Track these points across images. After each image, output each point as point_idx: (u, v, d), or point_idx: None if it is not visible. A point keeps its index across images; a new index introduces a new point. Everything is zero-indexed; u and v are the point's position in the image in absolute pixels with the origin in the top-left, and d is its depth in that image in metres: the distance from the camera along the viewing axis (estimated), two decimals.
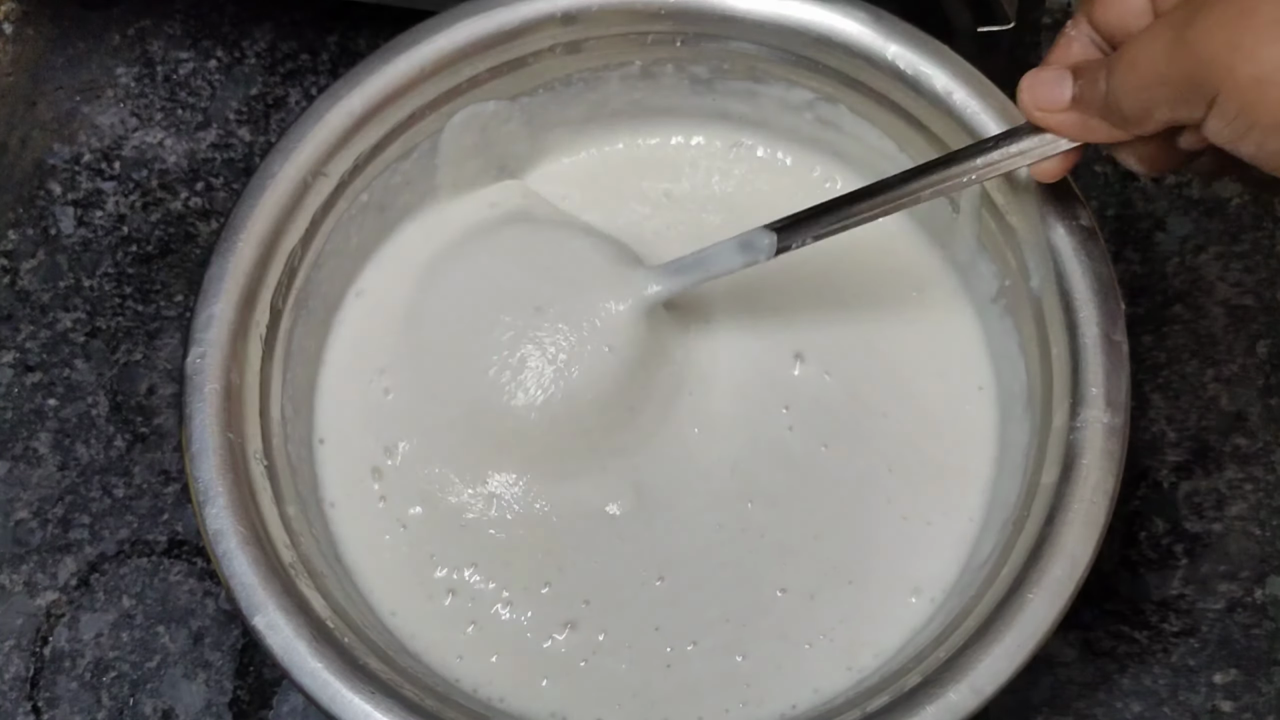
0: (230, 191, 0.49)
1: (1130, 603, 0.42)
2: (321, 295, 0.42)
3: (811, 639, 0.38)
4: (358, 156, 0.41)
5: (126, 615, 0.43)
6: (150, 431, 0.46)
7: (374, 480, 0.41)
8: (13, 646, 0.43)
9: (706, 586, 0.39)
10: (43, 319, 0.47)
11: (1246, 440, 0.44)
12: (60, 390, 0.46)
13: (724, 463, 0.41)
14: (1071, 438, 0.36)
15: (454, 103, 0.43)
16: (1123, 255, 0.47)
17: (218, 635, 0.43)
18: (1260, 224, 0.47)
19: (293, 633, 0.35)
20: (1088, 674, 0.41)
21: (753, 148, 0.45)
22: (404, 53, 0.41)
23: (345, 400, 0.42)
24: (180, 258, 0.48)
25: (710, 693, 0.38)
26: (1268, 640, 0.42)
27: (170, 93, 0.51)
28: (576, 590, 0.39)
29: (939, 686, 0.34)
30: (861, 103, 0.42)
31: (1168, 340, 0.45)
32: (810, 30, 0.41)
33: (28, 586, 0.44)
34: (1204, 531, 0.43)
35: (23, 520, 0.45)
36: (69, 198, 0.49)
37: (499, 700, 0.38)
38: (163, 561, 0.44)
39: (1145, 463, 0.44)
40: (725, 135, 0.45)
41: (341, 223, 0.42)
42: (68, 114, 0.50)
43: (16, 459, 0.45)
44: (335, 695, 0.34)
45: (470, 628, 0.39)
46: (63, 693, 0.42)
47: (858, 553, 0.39)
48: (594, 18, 0.42)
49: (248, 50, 0.51)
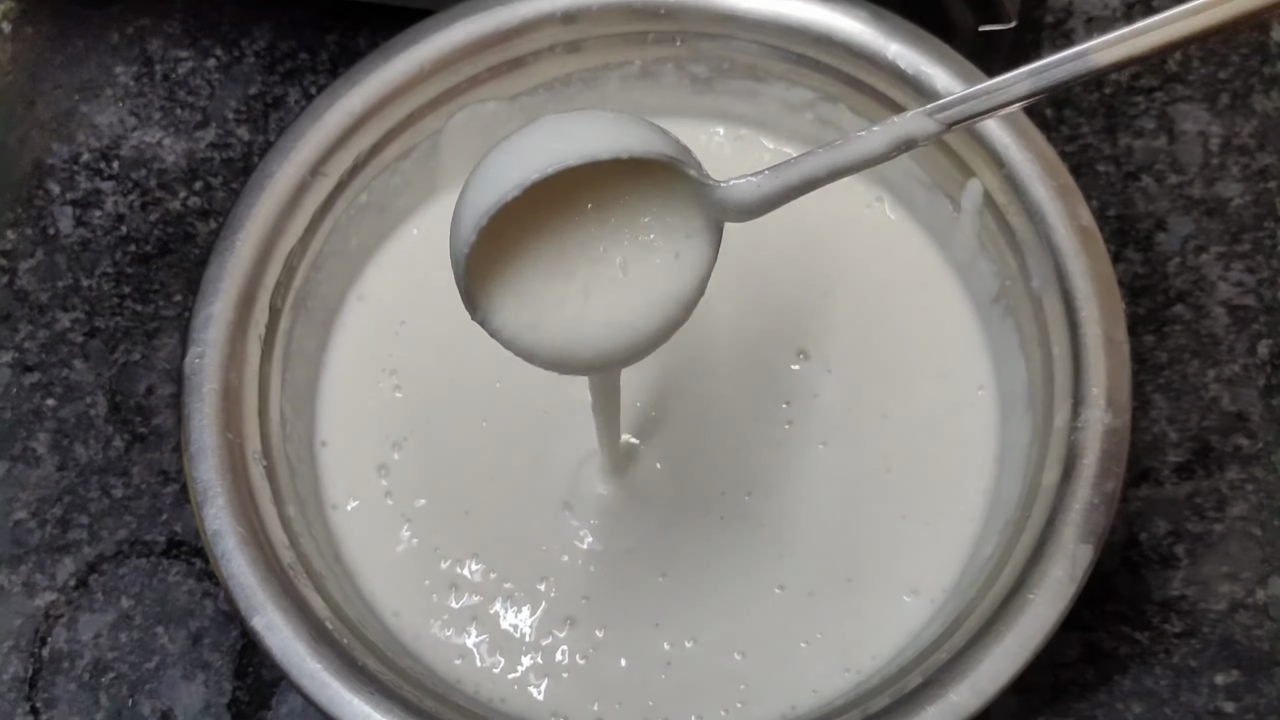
0: (229, 191, 0.49)
1: (1131, 603, 0.42)
2: (321, 296, 0.42)
3: (809, 637, 0.38)
4: (357, 156, 0.42)
5: (125, 616, 0.43)
6: (149, 432, 0.46)
7: (380, 477, 0.41)
8: (11, 647, 0.43)
9: (706, 582, 0.39)
10: (41, 319, 0.47)
11: (1248, 441, 0.44)
12: (59, 390, 0.46)
13: (724, 452, 0.41)
14: (1073, 438, 0.36)
15: (453, 102, 0.43)
16: (1123, 255, 0.47)
17: (216, 636, 0.43)
18: (1261, 224, 0.46)
19: (291, 633, 0.35)
20: (1088, 675, 0.41)
21: (753, 146, 0.45)
22: (403, 52, 0.41)
23: (350, 401, 0.42)
24: (179, 257, 0.48)
25: (710, 692, 0.38)
26: (1269, 641, 0.42)
27: (169, 92, 0.51)
28: (576, 586, 0.39)
29: (940, 687, 0.34)
30: (862, 102, 0.42)
31: (1169, 340, 0.45)
32: (811, 30, 0.41)
33: (26, 587, 0.44)
34: (1205, 532, 0.43)
35: (21, 520, 0.45)
36: (67, 197, 0.49)
37: (500, 701, 0.38)
38: (161, 562, 0.44)
39: (1146, 463, 0.44)
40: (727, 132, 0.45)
41: (340, 223, 0.42)
42: (66, 113, 0.50)
43: (15, 459, 0.45)
44: (334, 696, 0.34)
45: (472, 625, 0.39)
46: (61, 693, 0.42)
47: (856, 551, 0.40)
48: (594, 17, 0.42)
49: (247, 49, 0.51)
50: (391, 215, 0.44)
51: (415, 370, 0.42)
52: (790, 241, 0.43)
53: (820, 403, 0.41)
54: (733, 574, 0.39)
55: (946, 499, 0.40)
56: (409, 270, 0.44)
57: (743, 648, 0.38)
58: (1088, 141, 0.48)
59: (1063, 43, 0.50)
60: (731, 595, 0.39)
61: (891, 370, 0.42)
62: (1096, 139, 0.48)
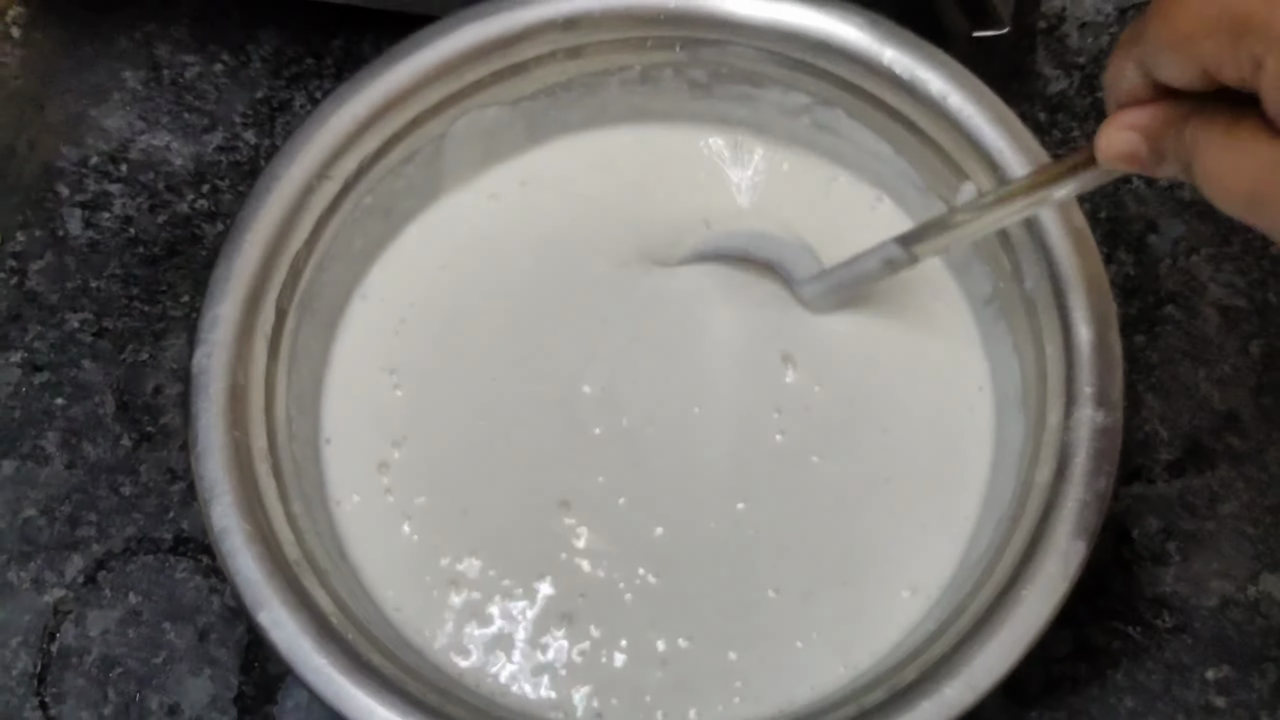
0: (236, 194, 0.49)
1: (1124, 599, 0.42)
2: (326, 297, 0.42)
3: (805, 637, 0.39)
4: (361, 160, 0.42)
5: (133, 612, 0.44)
6: (157, 430, 0.46)
7: (381, 475, 0.41)
8: (20, 643, 0.43)
9: (701, 584, 0.40)
10: (50, 319, 0.48)
11: (1239, 439, 0.44)
12: (68, 390, 0.47)
13: (719, 457, 0.41)
14: (1065, 437, 0.36)
15: (456, 107, 0.43)
16: (1115, 257, 0.47)
17: (223, 632, 0.43)
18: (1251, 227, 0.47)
19: (297, 629, 0.35)
20: (1081, 670, 0.42)
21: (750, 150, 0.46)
22: (407, 57, 0.42)
23: (352, 399, 0.42)
24: (186, 259, 0.49)
25: (706, 688, 0.38)
26: (1260, 637, 0.42)
27: (177, 96, 0.51)
28: (573, 584, 0.40)
29: (935, 682, 0.34)
30: (858, 107, 0.42)
31: (1160, 341, 0.46)
32: (807, 35, 0.41)
33: (35, 583, 0.44)
34: (1197, 529, 0.43)
35: (31, 518, 0.45)
36: (77, 200, 0.50)
37: (500, 695, 0.39)
38: (169, 559, 0.44)
39: (1138, 461, 0.44)
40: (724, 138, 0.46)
41: (346, 225, 0.42)
42: (75, 117, 0.51)
43: (24, 458, 0.46)
44: (339, 691, 0.35)
45: (472, 622, 0.39)
46: (70, 689, 0.43)
47: (852, 552, 0.40)
48: (594, 23, 0.42)
49: (253, 54, 0.51)
50: (396, 217, 0.44)
51: (416, 369, 0.43)
52: None
53: (814, 406, 0.41)
54: (728, 577, 0.40)
55: (942, 497, 0.40)
56: (412, 271, 0.44)
57: (739, 646, 0.39)
58: (1080, 144, 0.48)
59: (1056, 48, 0.50)
60: (727, 597, 0.39)
61: (887, 372, 0.42)
62: (1089, 142, 0.48)
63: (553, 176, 0.45)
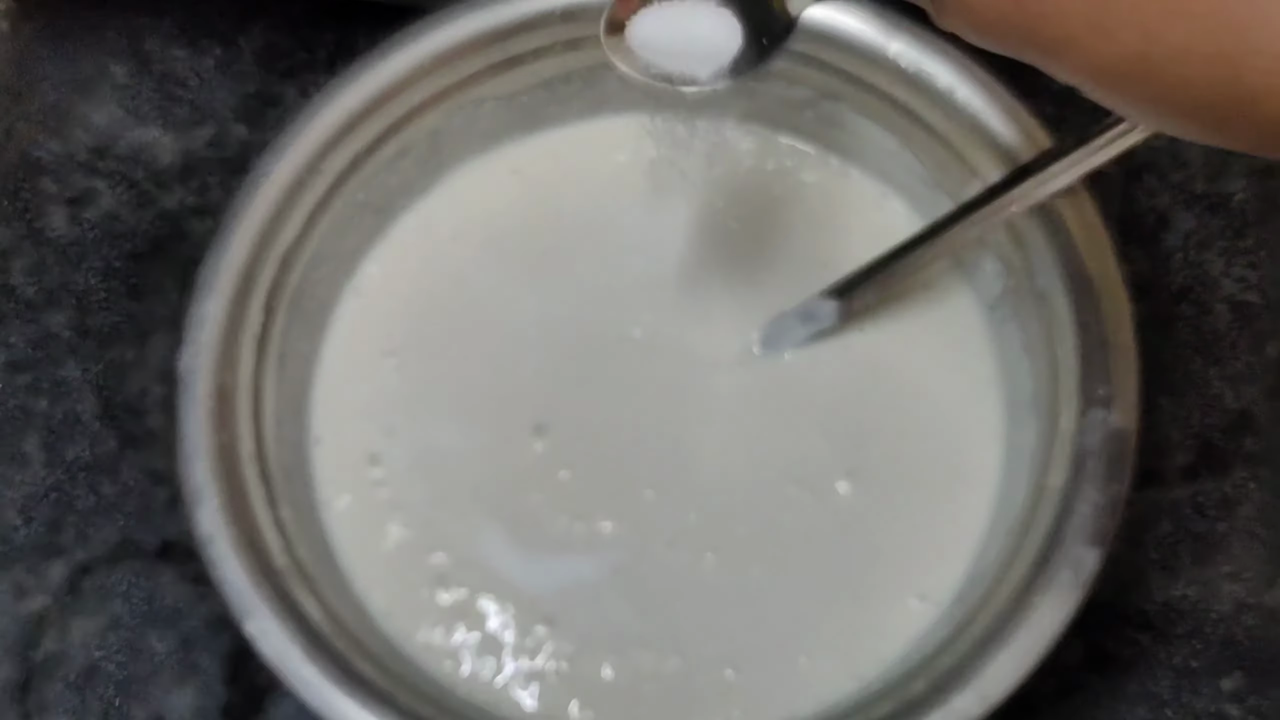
0: (225, 190, 0.48)
1: (1134, 605, 0.42)
2: (317, 295, 0.42)
3: (810, 649, 0.38)
4: (354, 154, 0.41)
5: (116, 619, 0.43)
6: (141, 432, 0.45)
7: (371, 473, 0.41)
8: (2, 652, 0.43)
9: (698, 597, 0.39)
10: (31, 317, 0.47)
11: (1253, 440, 0.43)
12: (49, 390, 0.46)
13: (716, 458, 0.41)
14: (1079, 440, 0.36)
15: (451, 101, 0.42)
16: (1126, 253, 0.46)
17: (209, 640, 0.42)
18: (1265, 220, 0.46)
19: (286, 638, 0.35)
20: (1091, 677, 0.41)
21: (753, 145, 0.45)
22: (401, 50, 0.41)
23: (343, 399, 0.42)
24: (173, 256, 0.48)
25: (706, 698, 0.38)
26: (1275, 643, 0.41)
27: (165, 90, 0.50)
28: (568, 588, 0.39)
29: (944, 694, 0.34)
30: (864, 100, 0.42)
31: (1171, 338, 0.45)
32: (811, 27, 0.41)
33: (16, 590, 0.43)
34: (1209, 533, 0.43)
35: (9, 522, 0.44)
36: (61, 194, 0.49)
37: (493, 706, 0.38)
38: (153, 565, 0.44)
39: (1150, 464, 0.43)
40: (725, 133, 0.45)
41: (337, 222, 0.42)
42: (60, 110, 0.50)
43: (4, 460, 0.45)
44: (329, 702, 0.34)
45: (460, 624, 0.39)
46: (53, 698, 0.42)
47: (859, 559, 0.39)
48: (594, 14, 0.42)
49: (244, 47, 0.51)
50: (388, 213, 0.44)
51: (408, 367, 0.42)
52: (792, 241, 0.43)
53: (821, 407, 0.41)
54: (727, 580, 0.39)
55: (952, 503, 0.39)
56: (405, 267, 0.44)
57: (736, 663, 0.38)
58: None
59: None
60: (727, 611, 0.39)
61: (895, 372, 0.41)
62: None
63: (549, 170, 0.45)
